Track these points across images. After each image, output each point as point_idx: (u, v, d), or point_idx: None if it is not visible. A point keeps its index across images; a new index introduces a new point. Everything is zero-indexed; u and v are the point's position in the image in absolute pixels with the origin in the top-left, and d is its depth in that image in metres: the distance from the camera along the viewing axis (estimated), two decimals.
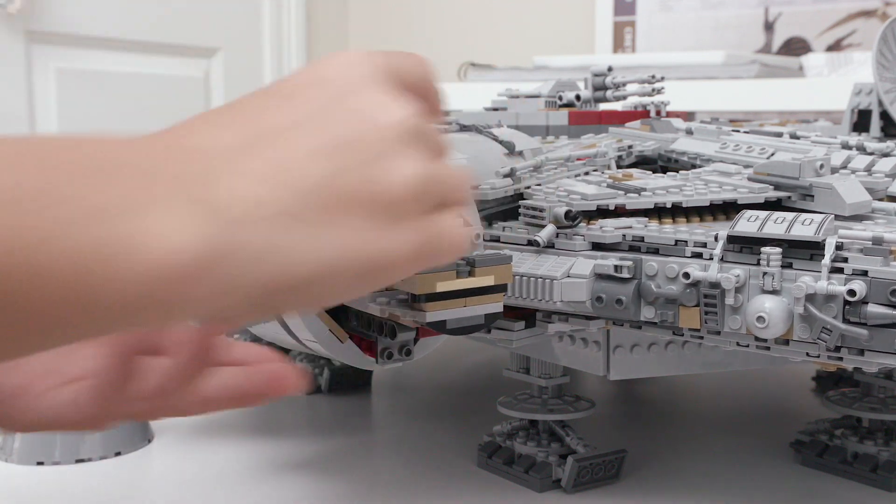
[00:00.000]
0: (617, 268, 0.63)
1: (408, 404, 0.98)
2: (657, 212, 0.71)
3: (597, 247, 0.66)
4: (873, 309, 0.56)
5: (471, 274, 0.57)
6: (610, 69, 0.99)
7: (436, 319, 0.57)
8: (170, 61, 2.59)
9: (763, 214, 0.61)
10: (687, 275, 0.61)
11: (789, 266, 0.59)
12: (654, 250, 0.64)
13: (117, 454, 0.81)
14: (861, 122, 1.02)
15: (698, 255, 0.62)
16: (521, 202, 0.72)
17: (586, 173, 0.78)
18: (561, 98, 0.99)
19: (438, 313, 0.57)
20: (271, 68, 2.87)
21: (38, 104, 2.30)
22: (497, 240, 0.71)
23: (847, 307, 0.57)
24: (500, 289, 0.59)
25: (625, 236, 0.66)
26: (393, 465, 0.82)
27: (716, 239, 0.62)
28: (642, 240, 0.65)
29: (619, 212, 0.70)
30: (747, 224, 0.61)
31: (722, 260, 0.61)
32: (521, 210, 0.71)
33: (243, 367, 0.45)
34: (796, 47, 2.32)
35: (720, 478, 0.78)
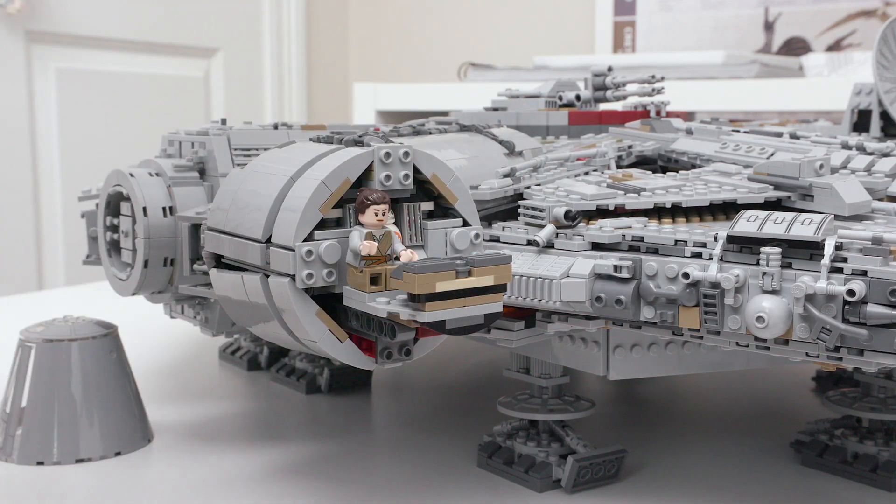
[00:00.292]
0: (616, 268, 0.63)
1: (408, 404, 0.98)
2: (657, 212, 0.71)
3: (596, 247, 0.66)
4: (873, 309, 0.56)
5: (470, 274, 0.57)
6: (610, 69, 0.99)
7: (435, 319, 0.57)
8: (170, 61, 2.59)
9: (763, 214, 0.61)
10: (687, 275, 0.61)
11: (789, 266, 0.59)
12: (654, 250, 0.65)
13: (117, 454, 0.81)
14: (861, 122, 1.02)
15: (698, 255, 0.62)
16: (521, 202, 0.72)
17: (586, 173, 0.78)
18: (561, 98, 0.99)
19: (438, 313, 0.57)
20: (271, 68, 2.87)
21: (38, 104, 2.30)
22: (497, 240, 0.71)
23: (846, 307, 0.57)
24: (500, 289, 0.59)
25: (624, 236, 0.66)
26: (393, 464, 0.82)
27: (715, 239, 0.62)
28: (642, 240, 0.65)
29: (619, 212, 0.70)
30: (747, 224, 0.61)
31: (721, 260, 0.61)
32: (520, 210, 0.71)
33: None
34: (796, 47, 2.32)
35: (720, 478, 0.78)
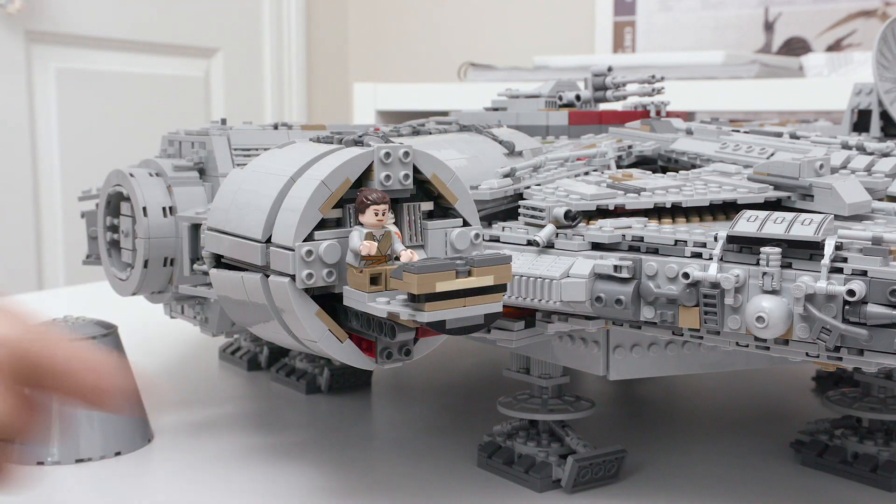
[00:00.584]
0: (616, 268, 0.63)
1: (408, 404, 0.98)
2: (657, 212, 0.71)
3: (596, 247, 0.66)
4: (873, 309, 0.56)
5: (470, 274, 0.57)
6: (610, 69, 0.99)
7: (435, 319, 0.57)
8: (170, 61, 2.59)
9: (763, 214, 0.61)
10: (686, 275, 0.61)
11: (789, 266, 0.59)
12: (654, 250, 0.65)
13: (117, 454, 0.81)
14: (861, 122, 1.02)
15: (698, 255, 0.62)
16: (520, 202, 0.72)
17: (586, 173, 0.78)
18: (561, 98, 0.99)
19: (438, 313, 0.57)
20: (271, 68, 2.87)
21: (38, 104, 2.30)
22: (497, 240, 0.71)
23: (846, 307, 0.57)
24: (500, 289, 0.59)
25: (624, 236, 0.66)
26: (393, 464, 0.82)
27: (715, 239, 0.62)
28: (642, 240, 0.65)
29: (619, 212, 0.70)
30: (747, 224, 0.61)
31: (721, 260, 0.61)
32: (520, 210, 0.71)
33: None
34: (796, 47, 2.32)
35: (720, 478, 0.78)
